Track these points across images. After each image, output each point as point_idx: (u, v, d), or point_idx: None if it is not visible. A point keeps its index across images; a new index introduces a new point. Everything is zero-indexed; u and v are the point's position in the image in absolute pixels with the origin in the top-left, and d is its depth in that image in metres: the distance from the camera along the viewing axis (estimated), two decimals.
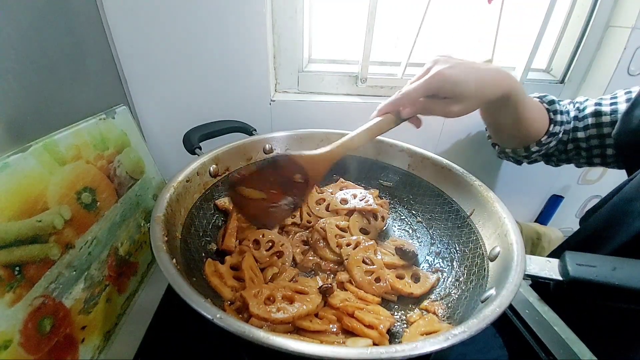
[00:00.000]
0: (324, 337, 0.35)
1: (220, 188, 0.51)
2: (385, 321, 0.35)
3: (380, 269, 0.43)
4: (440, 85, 0.42)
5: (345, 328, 0.36)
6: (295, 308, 0.35)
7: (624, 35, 0.68)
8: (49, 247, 0.35)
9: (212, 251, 0.45)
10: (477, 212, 0.45)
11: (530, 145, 0.55)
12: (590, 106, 0.54)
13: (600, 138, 0.53)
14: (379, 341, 0.34)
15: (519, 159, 0.60)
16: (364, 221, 0.51)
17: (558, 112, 0.53)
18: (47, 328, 0.33)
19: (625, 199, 0.47)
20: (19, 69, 0.38)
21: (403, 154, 0.57)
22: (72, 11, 0.48)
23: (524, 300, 0.50)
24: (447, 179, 0.52)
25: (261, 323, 0.34)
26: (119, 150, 0.49)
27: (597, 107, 0.53)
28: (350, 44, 0.72)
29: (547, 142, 0.54)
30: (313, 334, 0.35)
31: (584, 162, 0.58)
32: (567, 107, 0.56)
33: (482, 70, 0.44)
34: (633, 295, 0.28)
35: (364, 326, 0.35)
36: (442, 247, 0.49)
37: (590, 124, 0.53)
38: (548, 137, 0.53)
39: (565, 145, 0.57)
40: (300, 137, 0.59)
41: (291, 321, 0.35)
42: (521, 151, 0.57)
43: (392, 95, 0.45)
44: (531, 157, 0.58)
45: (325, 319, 0.37)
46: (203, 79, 0.64)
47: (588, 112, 0.53)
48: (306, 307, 0.36)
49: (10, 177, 0.32)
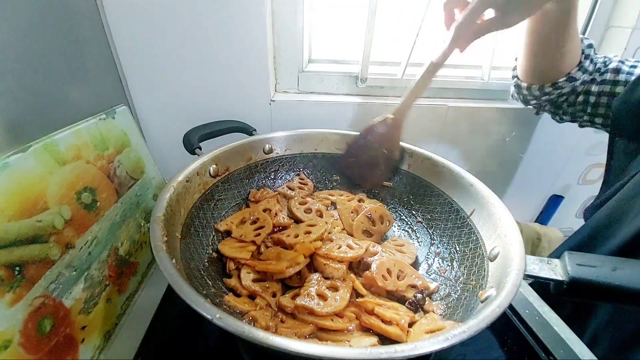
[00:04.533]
0: (342, 336, 0.35)
1: (220, 188, 0.51)
2: (405, 316, 0.36)
3: None
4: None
5: (363, 325, 0.36)
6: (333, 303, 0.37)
7: (624, 35, 0.68)
8: (49, 247, 0.35)
9: (212, 252, 0.45)
10: (477, 212, 0.45)
11: (545, 85, 0.54)
12: (614, 61, 0.53)
13: (610, 96, 0.52)
14: (400, 337, 0.34)
15: (529, 98, 0.59)
16: (368, 223, 0.51)
17: (589, 58, 0.53)
18: (47, 328, 0.33)
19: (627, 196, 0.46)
20: (19, 69, 0.38)
21: (403, 154, 0.57)
22: (72, 11, 0.48)
23: (524, 300, 0.50)
24: (447, 179, 0.52)
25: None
26: (119, 150, 0.49)
27: (620, 64, 0.52)
28: (350, 44, 0.72)
29: (562, 86, 0.53)
30: (334, 333, 0.35)
31: (586, 119, 0.57)
32: (598, 59, 0.55)
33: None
34: (633, 296, 0.28)
35: (382, 322, 0.35)
36: (442, 247, 0.49)
37: (607, 79, 0.52)
38: (567, 80, 0.52)
39: (577, 96, 0.55)
40: (300, 137, 0.59)
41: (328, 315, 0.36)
42: (535, 88, 0.56)
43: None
44: (541, 100, 0.57)
45: (346, 317, 0.37)
46: (203, 79, 0.64)
47: (610, 67, 0.52)
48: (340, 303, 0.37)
49: (10, 177, 0.32)
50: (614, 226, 0.47)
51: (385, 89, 0.72)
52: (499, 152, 0.80)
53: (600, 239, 0.49)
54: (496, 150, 0.79)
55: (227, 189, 0.52)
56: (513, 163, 0.84)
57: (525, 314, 0.47)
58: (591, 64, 0.53)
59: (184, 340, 0.43)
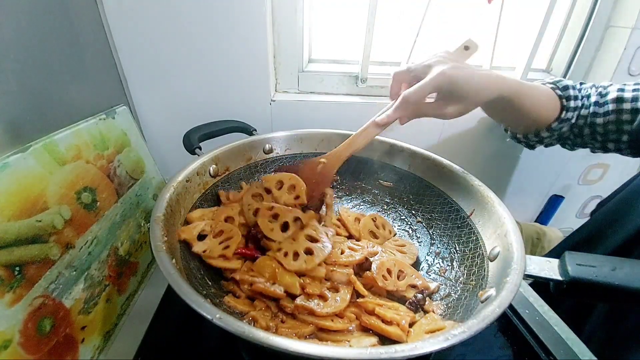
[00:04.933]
0: (342, 336, 0.35)
1: (220, 188, 0.51)
2: (405, 316, 0.36)
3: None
4: (442, 86, 0.42)
5: (364, 325, 0.36)
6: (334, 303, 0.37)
7: (624, 35, 0.68)
8: (49, 247, 0.35)
9: None
10: (477, 212, 0.45)
11: (540, 130, 0.54)
12: (612, 92, 0.52)
13: (618, 124, 0.51)
14: (400, 337, 0.34)
15: (531, 144, 0.60)
16: (373, 226, 0.51)
17: (572, 98, 0.52)
18: (47, 328, 0.33)
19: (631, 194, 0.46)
20: (19, 69, 0.38)
21: (403, 154, 0.57)
22: (72, 11, 0.48)
23: (524, 300, 0.50)
24: (447, 179, 0.52)
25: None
26: (119, 150, 0.49)
27: (620, 93, 0.51)
28: (350, 44, 0.72)
29: (558, 128, 0.53)
30: (334, 333, 0.35)
31: (598, 146, 0.56)
32: (589, 91, 0.55)
33: (479, 73, 0.44)
34: (633, 295, 0.28)
35: (382, 323, 0.35)
36: (442, 247, 0.49)
37: (610, 110, 0.51)
38: (559, 123, 0.53)
39: (581, 129, 0.55)
40: (300, 137, 0.59)
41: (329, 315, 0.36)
42: (532, 136, 0.56)
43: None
44: (544, 142, 0.58)
45: (346, 317, 0.37)
46: (203, 78, 0.64)
47: (610, 98, 0.52)
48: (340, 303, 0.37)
49: (10, 177, 0.32)
50: (618, 222, 0.47)
51: (385, 89, 0.72)
52: (499, 152, 0.80)
53: (602, 236, 0.49)
54: (496, 150, 0.79)
55: (227, 189, 0.52)
56: (513, 163, 0.84)
57: (525, 314, 0.47)
58: (577, 100, 0.53)
59: (184, 340, 0.43)
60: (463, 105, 0.44)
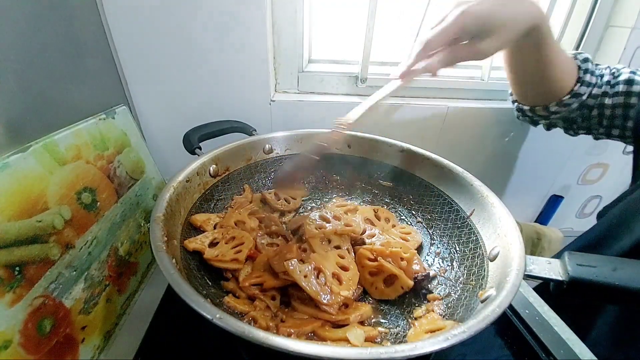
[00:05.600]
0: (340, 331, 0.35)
1: (220, 188, 0.51)
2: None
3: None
4: (467, 26, 0.39)
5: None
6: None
7: (624, 35, 0.68)
8: (49, 247, 0.35)
9: None
10: (477, 212, 0.45)
11: (549, 104, 0.53)
12: (625, 73, 0.51)
13: (625, 108, 0.51)
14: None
15: (536, 119, 0.58)
16: (372, 215, 0.52)
17: (589, 71, 0.51)
18: (47, 328, 0.33)
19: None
20: (19, 69, 0.38)
21: (403, 154, 0.57)
22: (72, 11, 0.48)
23: (524, 300, 0.50)
24: (447, 179, 0.52)
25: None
26: (119, 150, 0.49)
27: (632, 75, 0.51)
28: (350, 44, 0.72)
29: (568, 103, 0.52)
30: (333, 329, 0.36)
31: (602, 132, 0.55)
32: (603, 72, 0.53)
33: (509, 1, 0.41)
34: (633, 296, 0.28)
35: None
36: (442, 247, 0.49)
37: (620, 91, 0.51)
38: (571, 96, 0.51)
39: (590, 110, 0.54)
40: (300, 137, 0.59)
41: None
42: (540, 109, 0.55)
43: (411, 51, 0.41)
44: (550, 118, 0.56)
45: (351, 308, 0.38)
46: (203, 79, 0.64)
47: (622, 79, 0.51)
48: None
49: (10, 177, 0.32)
50: (625, 227, 0.47)
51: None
52: (499, 152, 0.80)
53: (610, 240, 0.49)
54: (496, 150, 0.79)
55: (227, 189, 0.52)
56: (513, 163, 0.84)
57: (525, 314, 0.47)
58: (593, 76, 0.52)
59: (184, 340, 0.43)
60: (499, 38, 0.40)
